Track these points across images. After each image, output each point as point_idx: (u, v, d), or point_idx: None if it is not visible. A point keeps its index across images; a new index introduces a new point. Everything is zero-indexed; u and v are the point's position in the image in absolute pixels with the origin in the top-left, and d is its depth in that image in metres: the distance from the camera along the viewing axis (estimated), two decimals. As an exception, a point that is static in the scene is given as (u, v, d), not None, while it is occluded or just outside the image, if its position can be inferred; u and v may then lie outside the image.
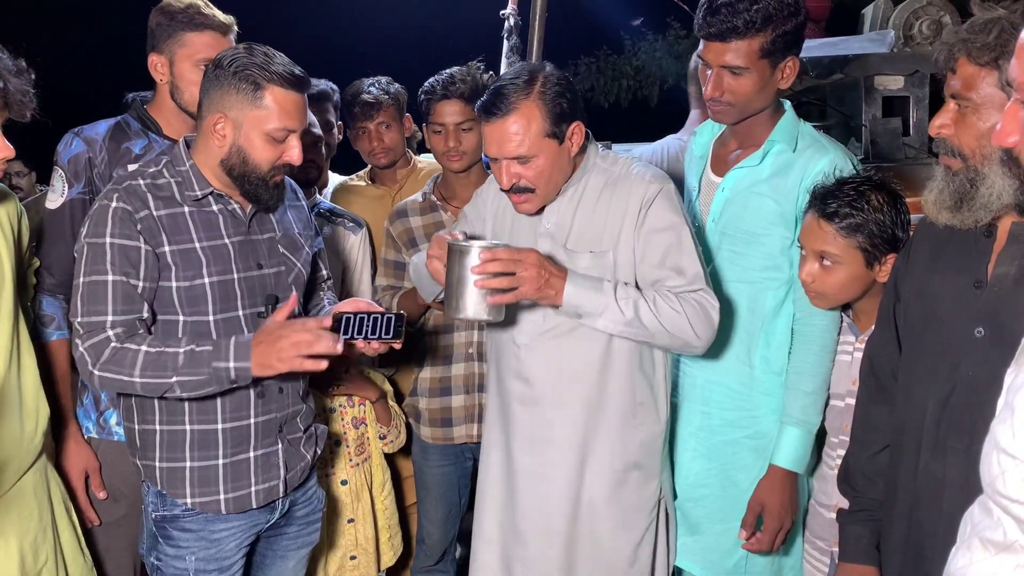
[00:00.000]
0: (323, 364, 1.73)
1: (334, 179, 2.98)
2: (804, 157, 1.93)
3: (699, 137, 2.14)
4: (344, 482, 2.45)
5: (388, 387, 2.56)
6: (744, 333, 2.01)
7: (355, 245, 2.63)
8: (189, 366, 1.70)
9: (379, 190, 2.80)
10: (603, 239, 1.89)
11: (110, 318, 1.72)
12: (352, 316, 1.82)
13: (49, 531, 1.91)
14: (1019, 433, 1.03)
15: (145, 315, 1.77)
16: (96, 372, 1.71)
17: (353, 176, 2.97)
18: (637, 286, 1.88)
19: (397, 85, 2.76)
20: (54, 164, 2.11)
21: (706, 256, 2.00)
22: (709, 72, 1.91)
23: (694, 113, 3.03)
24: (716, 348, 2.01)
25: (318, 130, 2.58)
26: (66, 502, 2.00)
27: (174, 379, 1.71)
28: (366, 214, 2.72)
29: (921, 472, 1.48)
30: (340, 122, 2.89)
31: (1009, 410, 1.06)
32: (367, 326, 1.82)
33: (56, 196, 2.08)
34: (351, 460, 2.46)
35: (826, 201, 1.80)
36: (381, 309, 1.85)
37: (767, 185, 1.95)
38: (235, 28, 2.16)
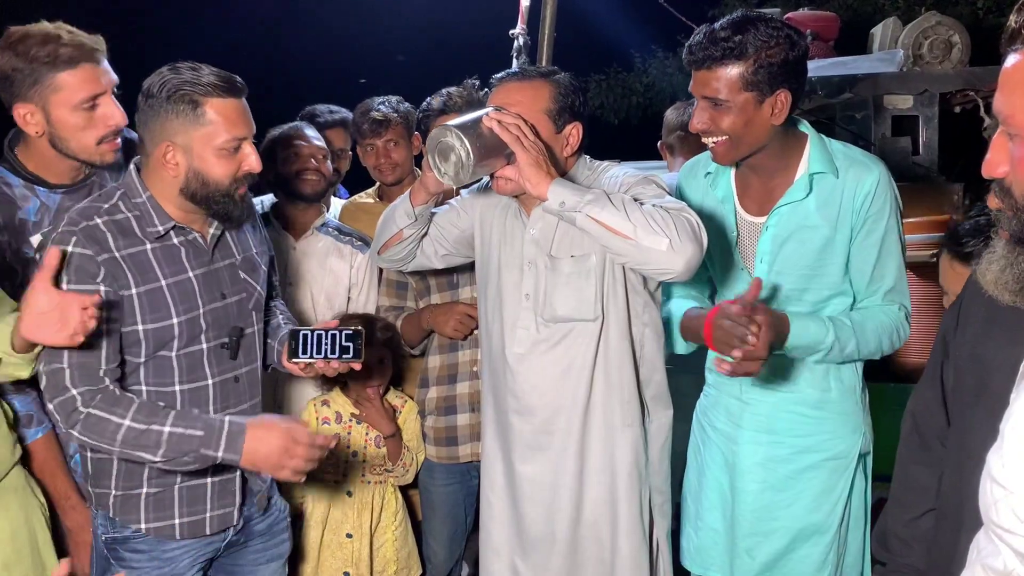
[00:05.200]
0: (302, 478, 1.78)
1: (336, 204, 3.01)
2: (849, 178, 1.87)
3: (717, 177, 2.02)
4: (349, 493, 2.46)
5: (414, 415, 2.55)
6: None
7: (362, 264, 2.64)
8: (175, 450, 1.67)
9: (386, 207, 2.81)
10: (583, 243, 1.89)
11: (67, 372, 1.66)
12: (309, 333, 1.81)
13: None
14: (1008, 463, 1.02)
15: (111, 365, 1.70)
16: (75, 434, 1.67)
17: (361, 193, 2.99)
18: (626, 277, 1.91)
19: (407, 104, 2.79)
20: None
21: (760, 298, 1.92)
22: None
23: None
24: (783, 378, 1.97)
25: (320, 142, 2.61)
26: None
27: (157, 459, 1.68)
28: (373, 230, 2.73)
29: (962, 553, 1.33)
30: (351, 151, 2.93)
31: (1001, 439, 1.05)
32: (326, 344, 1.81)
33: None
34: (363, 475, 2.48)
35: (961, 242, 1.73)
36: (335, 324, 1.85)
37: (818, 216, 1.89)
38: (104, 49, 1.90)
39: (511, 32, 3.41)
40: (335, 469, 2.47)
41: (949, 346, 1.50)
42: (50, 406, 1.67)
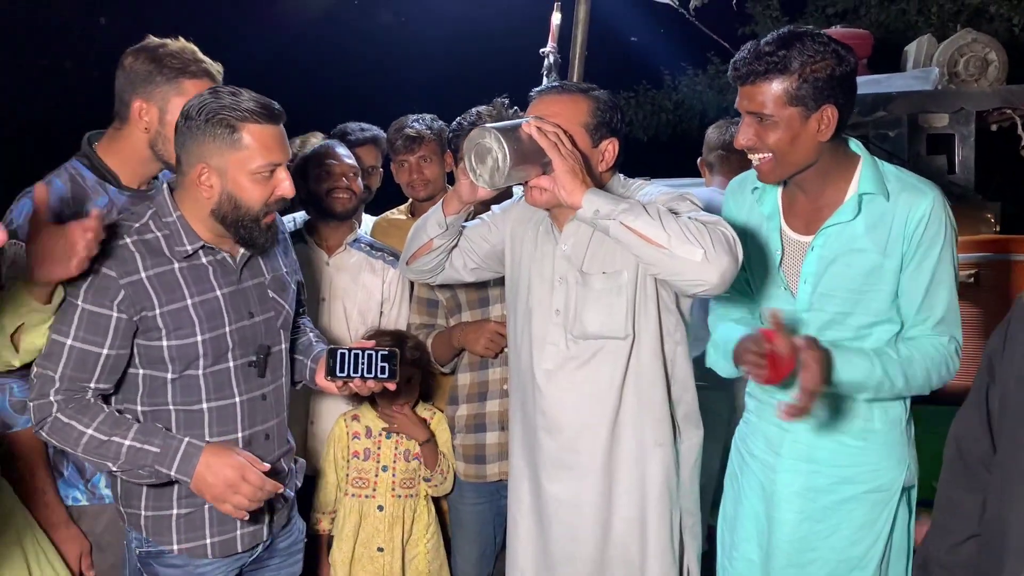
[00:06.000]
0: (244, 515, 1.77)
1: (367, 220, 3.04)
2: (901, 203, 1.80)
3: (764, 193, 1.97)
4: (380, 508, 2.48)
5: (444, 426, 2.56)
6: None
7: (394, 279, 2.66)
8: (131, 462, 1.71)
9: (418, 223, 2.83)
10: (616, 259, 1.90)
11: (56, 382, 1.69)
12: (347, 352, 1.85)
13: None
14: None
15: (100, 385, 1.73)
16: (43, 434, 1.72)
17: (394, 210, 3.02)
18: (658, 295, 1.91)
19: (440, 122, 2.82)
20: (13, 236, 1.85)
21: (802, 320, 1.90)
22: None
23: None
24: (825, 406, 1.90)
25: (352, 160, 2.63)
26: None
27: (114, 468, 1.72)
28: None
29: None
30: (381, 169, 2.95)
31: None
32: (362, 363, 1.84)
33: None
34: (393, 490, 2.49)
35: None
36: (372, 344, 1.87)
37: (866, 239, 1.83)
38: (220, 78, 2.04)
39: (542, 51, 3.43)
40: (364, 484, 2.48)
41: (995, 369, 1.47)
42: (29, 403, 1.73)
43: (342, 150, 2.66)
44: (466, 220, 2.13)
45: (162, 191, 1.80)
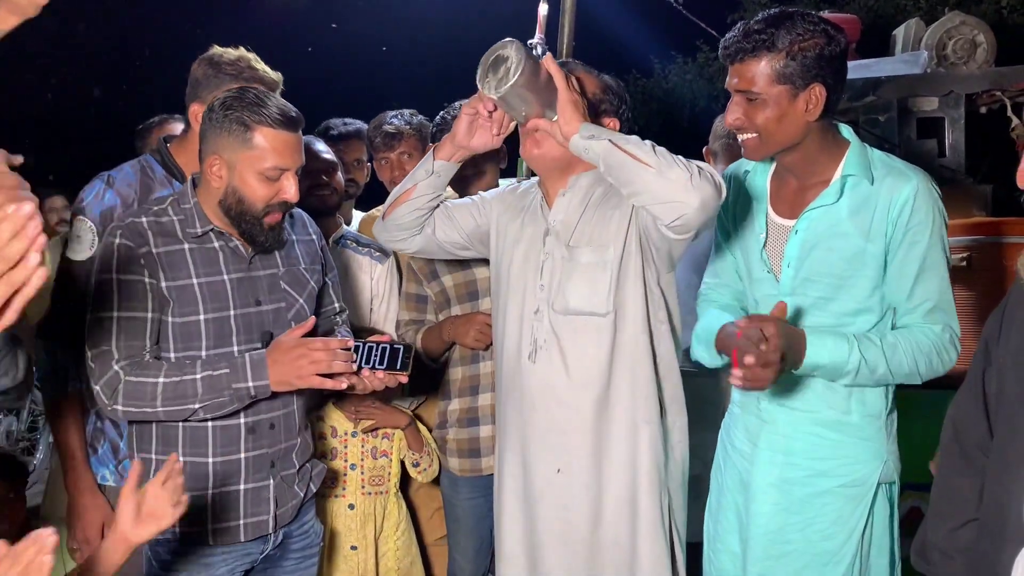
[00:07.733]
0: (341, 384, 1.81)
1: (357, 216, 3.01)
2: (885, 187, 1.80)
3: (754, 176, 1.98)
4: (351, 506, 2.46)
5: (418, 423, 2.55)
6: None
7: (381, 275, 2.63)
8: (209, 391, 1.77)
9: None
10: (603, 234, 1.90)
11: (116, 354, 1.77)
12: (360, 344, 1.87)
13: None
14: None
15: (151, 347, 1.81)
16: (119, 407, 1.77)
17: (381, 206, 2.98)
18: (643, 273, 1.91)
19: (420, 117, 2.78)
20: (79, 213, 2.03)
21: (785, 304, 1.85)
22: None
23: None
24: (801, 397, 1.90)
25: (330, 155, 2.59)
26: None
27: (196, 406, 1.77)
28: (392, 243, 2.73)
29: (1005, 565, 1.32)
30: (368, 163, 2.92)
31: None
32: (375, 355, 1.86)
33: (84, 248, 2.02)
34: (363, 487, 2.48)
35: None
36: (389, 339, 1.89)
37: (849, 223, 1.82)
38: (281, 86, 2.13)
39: (530, 42, 3.40)
40: (333, 483, 2.46)
41: (991, 353, 1.46)
42: (96, 387, 1.77)
43: (320, 146, 2.63)
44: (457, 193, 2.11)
45: (188, 182, 1.91)
